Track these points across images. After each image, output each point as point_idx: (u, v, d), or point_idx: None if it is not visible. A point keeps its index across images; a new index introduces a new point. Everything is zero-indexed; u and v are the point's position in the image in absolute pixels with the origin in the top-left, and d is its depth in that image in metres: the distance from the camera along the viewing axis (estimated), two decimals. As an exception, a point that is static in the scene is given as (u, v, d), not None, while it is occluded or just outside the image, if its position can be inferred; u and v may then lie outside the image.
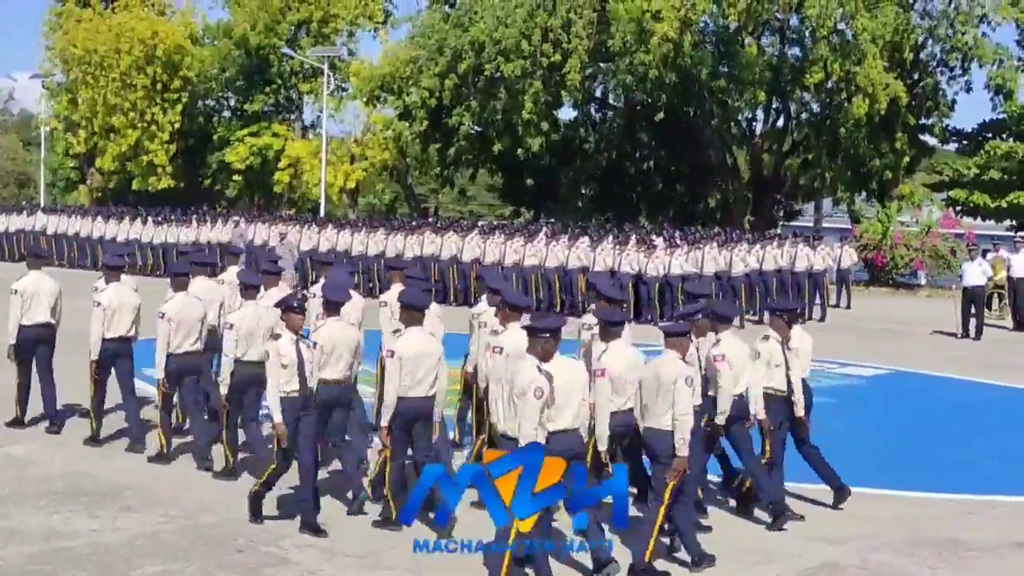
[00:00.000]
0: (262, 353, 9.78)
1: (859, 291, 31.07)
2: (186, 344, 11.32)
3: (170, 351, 11.22)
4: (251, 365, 10.40)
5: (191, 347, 11.37)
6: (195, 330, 11.41)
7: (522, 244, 26.28)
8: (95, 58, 49.73)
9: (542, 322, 8.35)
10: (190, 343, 11.36)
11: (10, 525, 9.20)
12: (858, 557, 9.19)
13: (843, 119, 36.26)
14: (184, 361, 11.32)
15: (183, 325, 11.29)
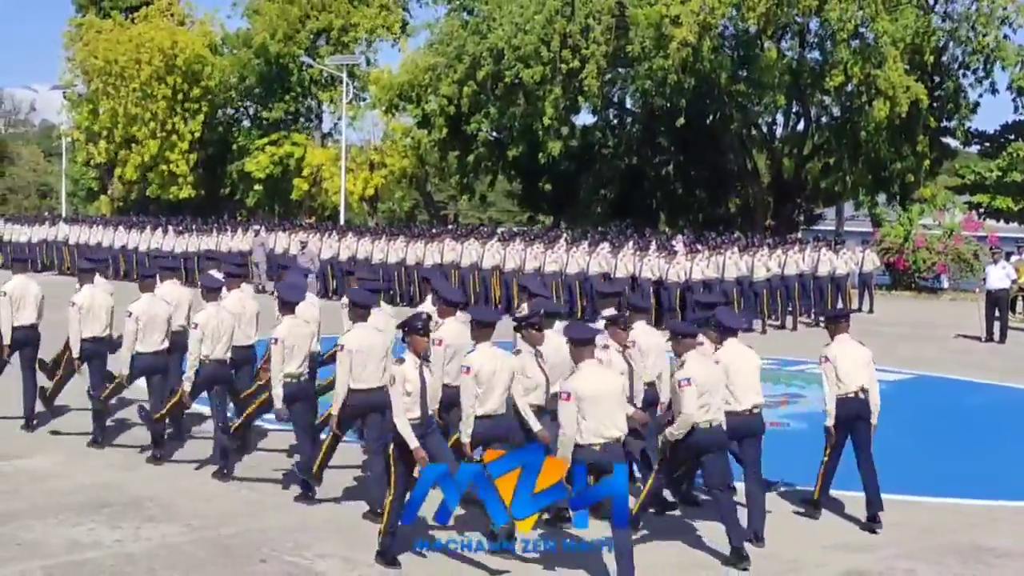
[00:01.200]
0: (226, 352, 11.13)
1: (881, 295, 30.92)
2: (154, 343, 11.87)
3: (140, 349, 11.77)
4: (216, 363, 11.18)
5: (159, 346, 11.91)
6: (161, 330, 11.95)
7: (542, 251, 26.24)
8: (115, 69, 50.03)
9: (483, 315, 9.52)
10: (157, 342, 11.89)
11: (32, 537, 9.22)
12: (882, 564, 9.12)
13: (864, 122, 36.09)
14: (153, 360, 11.86)
15: (149, 324, 11.85)
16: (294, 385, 10.34)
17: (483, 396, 9.03)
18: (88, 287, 12.76)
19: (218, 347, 11.25)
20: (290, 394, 10.27)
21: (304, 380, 10.52)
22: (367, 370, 9.77)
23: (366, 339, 9.86)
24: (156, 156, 50.55)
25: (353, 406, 9.81)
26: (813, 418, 14.89)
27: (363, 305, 10.09)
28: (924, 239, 33.89)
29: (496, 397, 9.12)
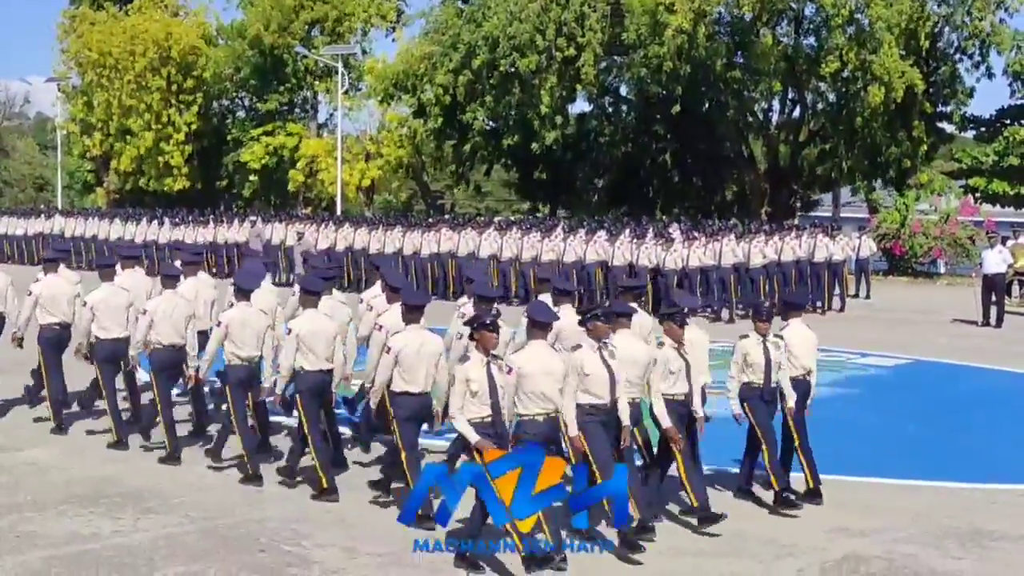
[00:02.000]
0: (180, 337, 11.42)
1: (878, 281, 30.94)
2: (114, 331, 12.06)
3: (101, 337, 12.01)
4: (169, 350, 11.45)
5: (119, 334, 12.07)
6: (121, 318, 12.13)
7: (539, 239, 26.24)
8: (110, 60, 49.94)
9: (413, 299, 9.92)
10: (117, 330, 12.08)
11: (32, 529, 9.22)
12: (881, 548, 9.13)
13: (860, 108, 36.08)
14: (114, 346, 12.07)
15: (108, 313, 12.07)
16: (243, 369, 10.84)
17: (408, 375, 9.42)
18: (52, 276, 13.03)
19: (172, 334, 11.45)
20: (239, 378, 10.83)
21: (255, 364, 10.94)
22: (315, 353, 10.20)
23: (314, 324, 10.31)
24: (151, 148, 50.44)
25: (305, 387, 10.21)
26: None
27: (313, 292, 10.64)
28: (920, 224, 33.90)
29: (420, 377, 9.48)
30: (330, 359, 10.34)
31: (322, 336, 10.30)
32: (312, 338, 10.24)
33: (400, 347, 9.46)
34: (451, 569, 8.35)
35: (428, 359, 9.53)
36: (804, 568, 8.70)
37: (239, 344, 10.83)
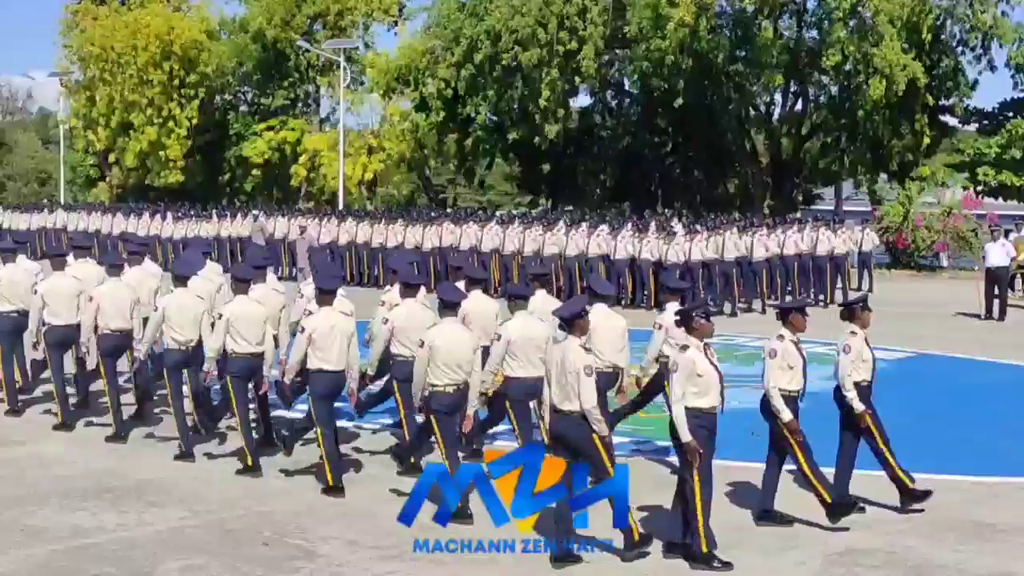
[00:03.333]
0: (125, 322, 12.08)
1: (881, 274, 30.93)
2: (64, 317, 12.59)
3: (52, 323, 12.59)
4: (115, 335, 12.10)
5: (69, 320, 12.56)
6: (71, 305, 12.61)
7: (541, 233, 26.24)
8: (112, 55, 49.91)
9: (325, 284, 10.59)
10: (67, 316, 12.58)
11: (36, 522, 9.25)
12: (883, 541, 9.16)
13: (862, 101, 36.05)
14: (63, 332, 12.61)
15: (57, 300, 12.60)
16: (180, 352, 11.40)
17: (322, 354, 10.07)
18: (10, 266, 13.53)
19: (117, 319, 12.08)
20: (175, 361, 11.43)
21: (192, 347, 11.39)
22: (245, 337, 10.83)
23: (246, 309, 10.95)
24: (153, 142, 50.44)
25: (235, 368, 10.87)
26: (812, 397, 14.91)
27: (243, 279, 11.30)
28: (923, 218, 33.89)
29: (334, 356, 10.09)
30: (260, 343, 10.92)
31: (253, 321, 10.89)
32: (242, 323, 10.82)
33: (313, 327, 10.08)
34: (454, 562, 8.38)
35: (340, 337, 10.15)
36: (806, 560, 8.73)
37: (176, 328, 11.33)
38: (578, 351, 8.54)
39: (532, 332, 10.17)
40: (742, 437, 10.46)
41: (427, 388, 9.54)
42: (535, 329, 10.23)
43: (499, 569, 8.33)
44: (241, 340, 10.82)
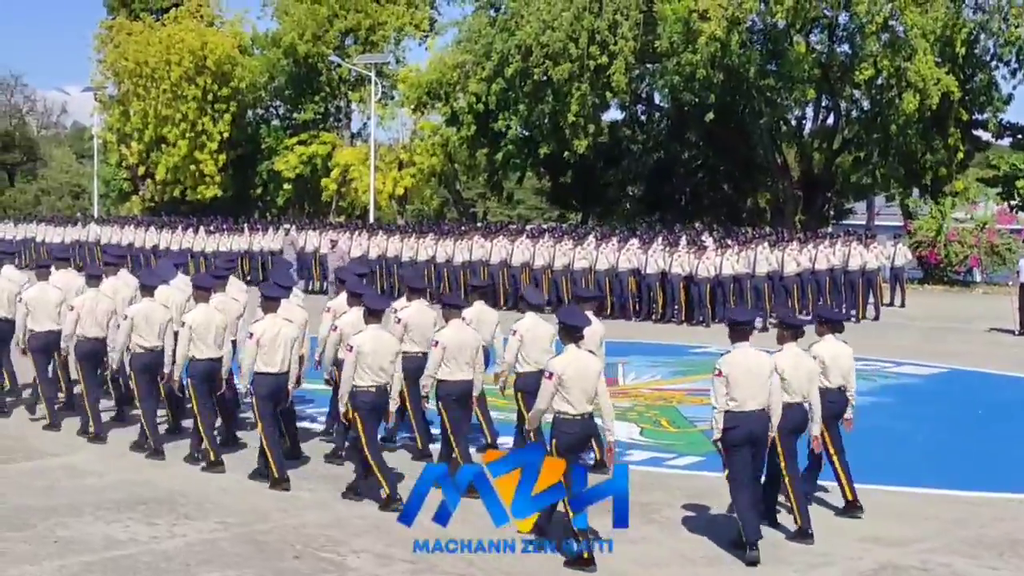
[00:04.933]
0: (102, 330, 12.73)
1: (913, 289, 30.76)
2: (47, 324, 13.29)
3: (35, 330, 13.27)
4: (92, 342, 12.77)
5: (52, 327, 13.26)
6: (53, 313, 13.33)
7: (571, 247, 26.23)
8: (146, 70, 50.28)
9: (270, 292, 11.22)
10: (50, 323, 13.28)
11: (69, 534, 9.30)
12: (917, 559, 9.07)
13: (894, 115, 35.84)
14: (46, 338, 13.28)
15: (41, 308, 13.33)
16: (147, 355, 12.01)
17: (267, 357, 10.82)
18: (8, 269, 14.56)
19: (94, 327, 12.79)
20: (143, 364, 12.06)
21: (157, 352, 12.02)
22: (205, 343, 11.53)
23: (206, 317, 11.65)
24: (186, 157, 50.78)
25: (196, 372, 11.54)
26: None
27: (204, 288, 12.02)
28: (956, 232, 33.68)
29: (278, 359, 10.87)
30: (220, 348, 11.71)
31: (212, 327, 11.60)
32: (203, 329, 11.53)
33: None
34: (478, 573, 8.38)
35: (286, 343, 10.96)
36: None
37: (143, 335, 12.00)
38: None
39: (465, 338, 10.87)
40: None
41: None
42: (468, 336, 10.97)
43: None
44: (201, 346, 11.51)
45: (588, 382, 8.80)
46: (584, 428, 8.87)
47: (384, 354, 10.26)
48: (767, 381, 8.99)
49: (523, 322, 11.22)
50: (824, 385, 9.74)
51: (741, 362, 8.97)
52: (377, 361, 10.18)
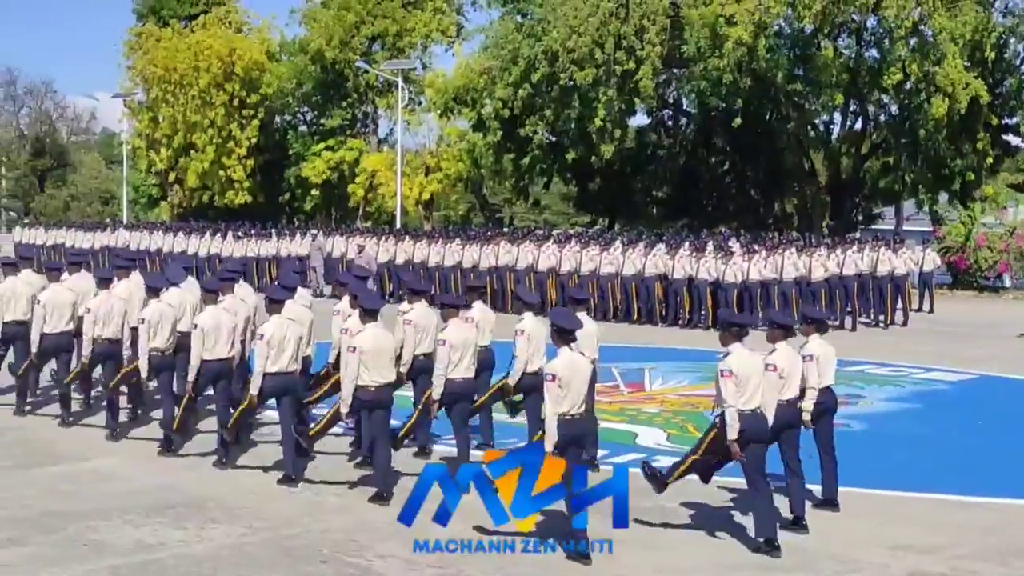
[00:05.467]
0: (115, 332, 13.05)
1: (942, 295, 30.57)
2: (60, 325, 13.70)
3: (46, 331, 13.60)
4: (105, 344, 13.06)
5: (64, 328, 13.71)
6: (66, 314, 13.74)
7: (598, 252, 26.20)
8: (175, 76, 50.62)
9: (275, 295, 11.56)
10: (63, 325, 13.72)
11: (98, 538, 9.36)
12: (947, 565, 9.01)
13: (923, 120, 35.66)
14: (58, 340, 13.70)
15: (56, 310, 13.67)
16: (158, 358, 12.38)
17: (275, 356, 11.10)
18: (11, 278, 14.68)
19: (108, 328, 13.06)
20: (156, 365, 12.44)
21: (168, 354, 12.47)
22: (217, 345, 11.75)
23: (216, 319, 11.87)
24: (214, 162, 51.05)
25: (205, 373, 11.72)
26: (872, 419, 14.81)
27: (213, 291, 12.37)
28: (986, 238, 33.46)
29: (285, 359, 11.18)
30: (230, 349, 11.93)
31: (222, 329, 11.82)
32: (212, 331, 11.72)
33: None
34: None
35: (292, 343, 11.30)
36: (867, 585, 8.64)
37: (154, 336, 12.37)
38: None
39: (467, 337, 11.15)
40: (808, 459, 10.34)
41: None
42: (470, 334, 11.26)
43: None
44: (211, 347, 11.72)
45: (581, 383, 9.09)
46: (577, 427, 9.06)
47: (384, 353, 10.58)
48: (761, 381, 9.22)
49: (525, 322, 11.48)
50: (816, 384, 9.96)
51: (744, 363, 9.17)
52: (378, 360, 10.47)
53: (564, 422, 8.89)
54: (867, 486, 11.13)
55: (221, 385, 11.89)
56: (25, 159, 78.59)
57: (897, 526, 9.94)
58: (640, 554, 8.93)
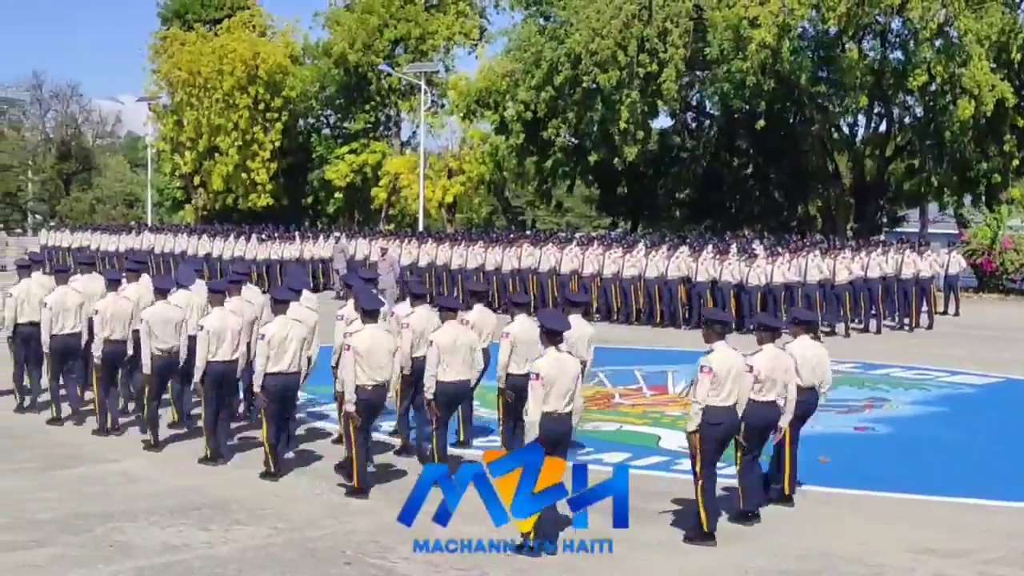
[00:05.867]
0: (123, 334, 13.32)
1: (968, 297, 30.39)
2: (68, 327, 13.95)
3: (54, 332, 13.88)
4: (113, 344, 13.27)
5: (71, 330, 13.96)
6: (73, 316, 13.98)
7: (620, 255, 26.17)
8: (199, 80, 50.80)
9: (279, 295, 11.87)
10: (70, 327, 13.98)
11: (125, 539, 9.41)
12: (972, 570, 8.96)
13: (948, 122, 35.45)
14: (66, 341, 13.95)
15: (62, 312, 13.93)
16: (162, 359, 12.68)
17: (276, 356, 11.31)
18: (25, 280, 14.94)
19: (117, 330, 13.29)
20: (159, 366, 12.70)
21: (174, 353, 12.77)
22: (222, 347, 11.93)
23: (222, 320, 12.05)
24: (238, 165, 51.25)
25: (211, 373, 11.90)
26: (897, 422, 14.74)
27: (219, 292, 12.51)
28: (1012, 240, 33.26)
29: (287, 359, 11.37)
30: (235, 351, 12.09)
31: (227, 331, 11.98)
32: (218, 332, 11.91)
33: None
34: None
35: (295, 342, 11.47)
36: (892, 589, 8.59)
37: (158, 337, 12.61)
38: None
39: (460, 339, 11.23)
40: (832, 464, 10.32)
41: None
42: (464, 336, 11.33)
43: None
44: (217, 348, 11.89)
45: (567, 382, 9.30)
46: (562, 425, 9.29)
47: (380, 352, 10.78)
48: (740, 379, 9.52)
49: (513, 324, 11.83)
50: (795, 383, 10.19)
51: (724, 360, 9.48)
52: (373, 359, 10.69)
53: (551, 419, 9.14)
54: (892, 490, 11.09)
55: (222, 389, 12.11)
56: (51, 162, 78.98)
57: (922, 530, 9.89)
58: (668, 558, 8.90)
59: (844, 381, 18.14)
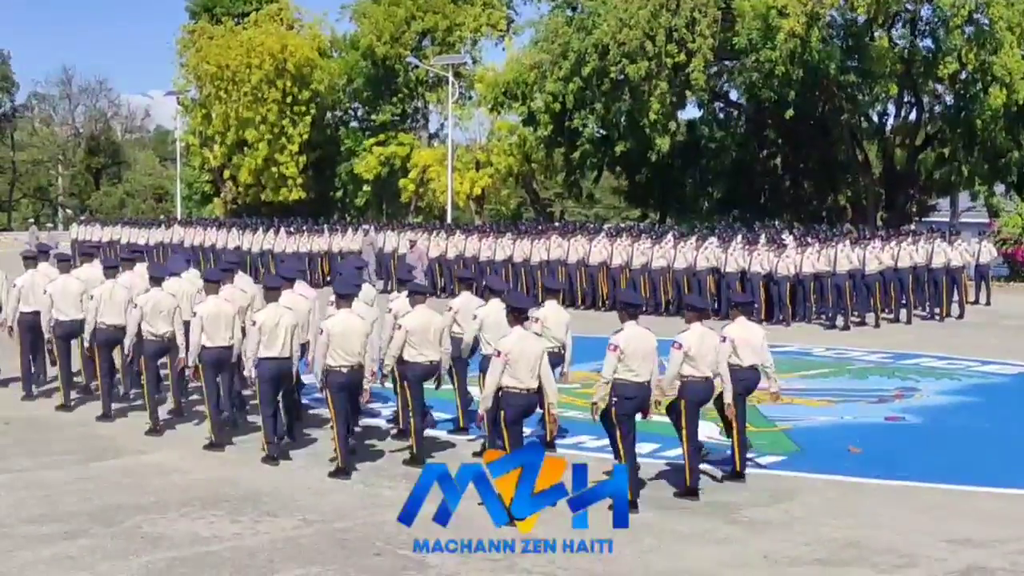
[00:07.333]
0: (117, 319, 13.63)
1: (999, 287, 30.17)
2: (71, 313, 14.41)
3: (58, 319, 14.43)
4: (109, 329, 13.68)
5: (75, 316, 14.35)
6: (75, 303, 14.42)
7: (649, 246, 26.08)
8: (227, 73, 51.03)
9: (271, 283, 12.37)
10: (73, 313, 14.38)
11: (156, 530, 9.47)
12: (1006, 560, 8.90)
13: (979, 110, 35.16)
14: (71, 326, 14.39)
15: (65, 298, 14.44)
16: (156, 343, 13.26)
17: (268, 342, 11.65)
18: (30, 271, 15.46)
19: (111, 315, 13.70)
20: (153, 351, 13.30)
21: (168, 339, 13.29)
22: (217, 333, 12.41)
23: (216, 308, 12.52)
24: (266, 159, 51.43)
25: (208, 358, 12.42)
26: (928, 412, 14.67)
27: (214, 280, 13.07)
28: (1044, 229, 33.01)
29: (278, 345, 11.72)
30: (230, 337, 12.51)
31: (221, 317, 12.46)
32: (212, 319, 12.38)
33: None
34: (564, 571, 8.39)
35: (283, 329, 11.77)
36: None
37: (152, 323, 13.19)
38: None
39: (429, 321, 11.84)
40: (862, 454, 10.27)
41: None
42: (432, 319, 11.90)
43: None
44: (212, 335, 12.38)
45: (532, 360, 9.97)
46: (528, 401, 10.04)
47: (353, 337, 11.19)
48: (653, 356, 10.13)
49: (484, 307, 12.14)
50: (736, 363, 10.80)
51: (634, 338, 10.06)
52: (346, 343, 11.11)
53: (515, 395, 9.90)
54: (924, 480, 11.03)
55: (215, 374, 12.58)
56: (81, 157, 79.63)
57: (955, 520, 9.83)
58: (702, 548, 8.88)
59: (875, 371, 18.09)
